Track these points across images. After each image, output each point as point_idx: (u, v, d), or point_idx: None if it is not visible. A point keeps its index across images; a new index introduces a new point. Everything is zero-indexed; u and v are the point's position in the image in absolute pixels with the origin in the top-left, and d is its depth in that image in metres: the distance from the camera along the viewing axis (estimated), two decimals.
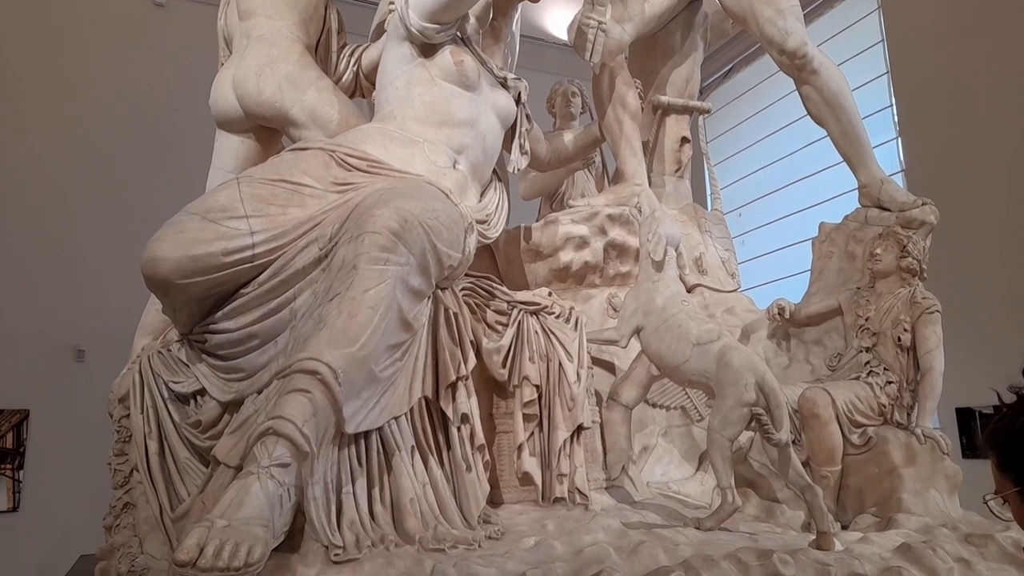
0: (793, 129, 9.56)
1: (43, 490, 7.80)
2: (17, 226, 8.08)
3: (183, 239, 2.32)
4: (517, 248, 3.98)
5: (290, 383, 2.04)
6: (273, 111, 3.51)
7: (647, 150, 4.43)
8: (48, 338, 8.03)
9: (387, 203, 2.35)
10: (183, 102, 7.90)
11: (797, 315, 3.96)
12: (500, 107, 3.40)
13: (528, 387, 2.91)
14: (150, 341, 3.26)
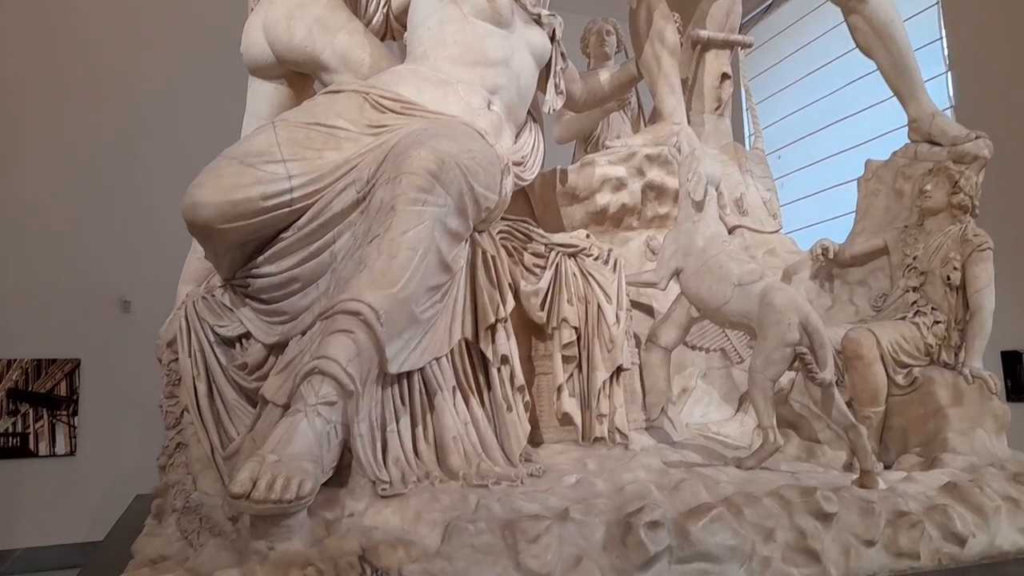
0: (834, 67, 9.21)
1: (97, 435, 8.13)
2: (64, 183, 8.24)
3: (222, 184, 2.33)
4: (553, 191, 3.93)
5: (333, 324, 2.06)
6: (304, 55, 3.47)
7: (686, 87, 4.30)
8: (96, 290, 8.27)
9: (423, 144, 2.32)
10: (224, 50, 7.88)
11: (841, 255, 3.87)
12: (534, 45, 3.32)
13: (567, 329, 2.91)
14: (194, 288, 3.31)
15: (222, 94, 7.09)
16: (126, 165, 8.46)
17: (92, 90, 8.45)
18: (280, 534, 1.75)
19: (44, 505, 7.89)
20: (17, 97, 8.25)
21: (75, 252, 8.24)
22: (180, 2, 8.83)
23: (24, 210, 8.12)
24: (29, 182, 8.18)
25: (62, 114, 8.34)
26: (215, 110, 7.87)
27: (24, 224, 8.12)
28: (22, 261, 8.09)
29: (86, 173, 8.35)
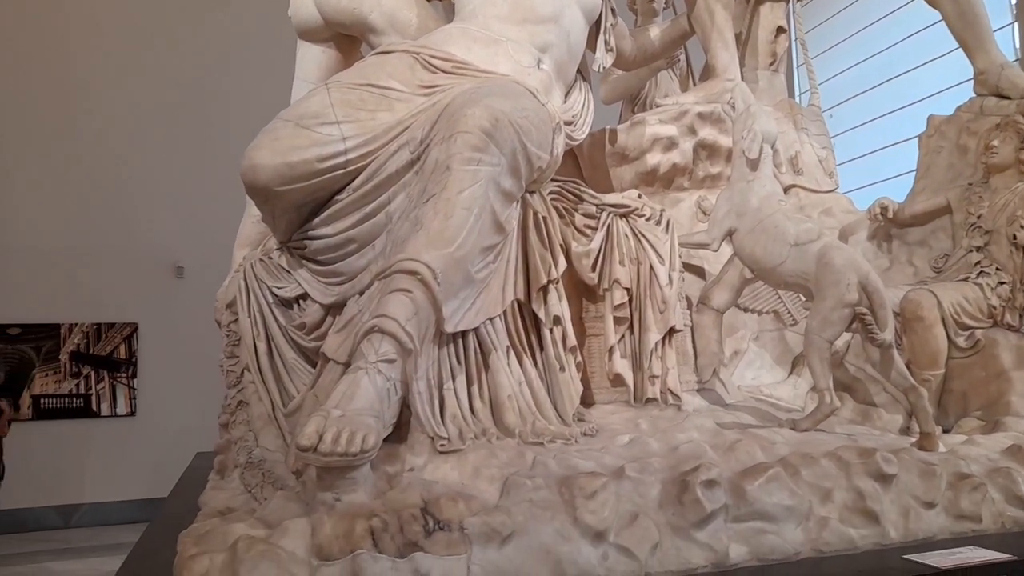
0: (891, 20, 8.84)
1: (156, 396, 8.46)
2: (120, 152, 8.46)
3: (279, 146, 2.35)
4: (602, 151, 3.88)
5: (391, 283, 2.08)
6: (352, 17, 3.46)
7: (739, 42, 4.17)
8: (152, 257, 8.53)
9: (477, 102, 2.30)
10: (276, 16, 7.92)
11: (900, 215, 3.75)
12: (584, 1, 3.25)
13: (619, 290, 2.89)
14: (249, 251, 3.37)
15: (274, 59, 7.15)
16: (177, 133, 8.63)
17: (151, 60, 8.60)
18: (346, 486, 1.81)
19: (107, 463, 8.26)
20: (83, 66, 8.43)
21: (131, 220, 8.49)
22: None
23: (83, 180, 8.36)
24: (87, 153, 8.40)
25: (121, 84, 8.52)
26: (267, 76, 7.95)
27: (83, 194, 8.37)
28: (81, 230, 8.36)
29: (140, 141, 8.54)
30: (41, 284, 8.19)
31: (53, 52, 8.38)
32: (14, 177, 8.18)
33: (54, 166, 8.32)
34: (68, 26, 8.40)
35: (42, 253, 8.16)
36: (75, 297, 8.32)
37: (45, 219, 8.24)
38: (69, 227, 8.31)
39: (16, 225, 8.14)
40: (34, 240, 8.17)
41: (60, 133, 8.37)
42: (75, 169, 8.37)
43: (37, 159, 8.29)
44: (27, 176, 8.24)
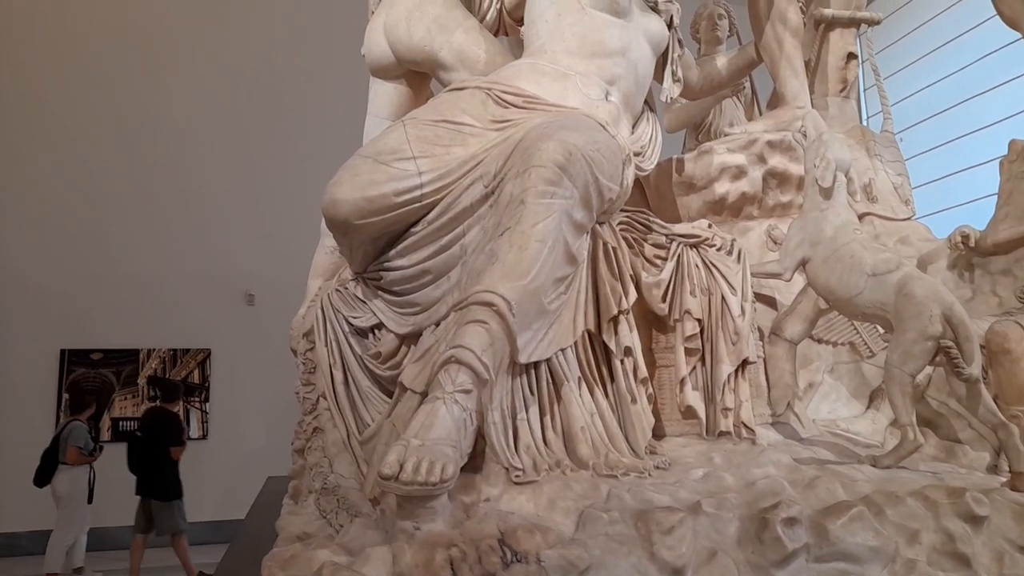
0: (963, 41, 8.60)
1: (227, 420, 8.72)
2: (195, 183, 8.86)
3: (358, 181, 2.45)
4: (669, 181, 3.87)
5: (468, 314, 2.12)
6: (423, 55, 3.57)
7: (809, 69, 4.12)
8: (224, 285, 8.86)
9: (551, 136, 2.35)
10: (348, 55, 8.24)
11: (983, 243, 3.61)
12: (652, 33, 3.28)
13: (690, 321, 2.86)
14: (324, 281, 3.48)
15: (345, 93, 7.42)
16: (250, 163, 8.99)
17: (229, 94, 9.01)
18: (425, 515, 1.83)
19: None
20: (167, 100, 8.89)
21: (205, 248, 8.85)
22: (314, 9, 9.26)
23: (160, 210, 8.77)
24: (164, 184, 8.82)
25: (197, 115, 8.95)
26: (337, 109, 8.24)
27: (161, 223, 8.77)
28: (159, 258, 8.75)
29: (214, 171, 8.93)
30: (122, 310, 8.59)
31: (142, 88, 8.86)
32: (101, 209, 8.64)
33: (135, 198, 8.76)
34: (151, 62, 8.87)
35: (123, 281, 8.58)
36: (154, 323, 8.70)
37: (126, 248, 8.67)
38: (148, 256, 8.71)
39: (99, 254, 8.59)
40: (115, 268, 8.60)
41: (142, 165, 8.81)
42: (152, 200, 8.79)
43: (121, 192, 8.75)
44: (111, 208, 8.69)
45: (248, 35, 9.16)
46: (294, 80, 9.10)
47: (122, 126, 8.76)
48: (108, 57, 8.79)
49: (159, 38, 8.93)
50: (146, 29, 8.94)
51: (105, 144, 8.69)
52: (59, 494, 7.03)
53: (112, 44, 8.83)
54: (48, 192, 8.51)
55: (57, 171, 8.55)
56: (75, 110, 8.67)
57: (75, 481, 7.06)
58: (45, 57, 8.66)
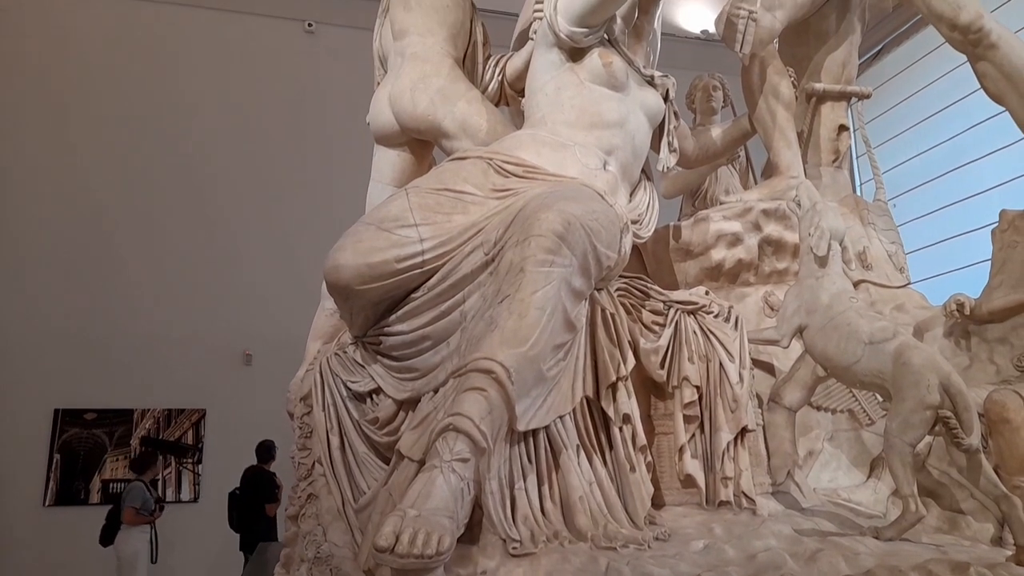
0: (953, 110, 8.83)
1: (219, 483, 8.55)
2: (191, 243, 8.93)
3: (361, 248, 2.49)
4: (666, 247, 3.92)
5: (466, 381, 2.13)
6: (427, 124, 3.67)
7: (801, 140, 4.23)
8: (220, 344, 8.83)
9: (550, 207, 2.40)
10: (350, 124, 8.43)
11: (978, 311, 3.63)
12: (648, 106, 3.38)
13: (688, 388, 2.87)
14: (323, 345, 3.49)
15: (340, 161, 7.58)
16: (247, 224, 9.08)
17: (223, 155, 9.18)
18: None
19: (169, 549, 8.31)
20: (147, 159, 9.03)
21: (202, 307, 8.86)
22: (318, 78, 9.52)
23: (157, 270, 8.82)
24: (160, 244, 8.89)
25: (191, 177, 9.08)
26: (333, 173, 8.41)
27: (157, 283, 8.80)
28: (156, 316, 8.75)
29: (209, 231, 9.01)
30: (117, 369, 8.54)
31: (142, 146, 9.00)
32: (97, 267, 8.67)
33: (132, 256, 8.81)
34: (153, 123, 9.04)
35: (119, 339, 8.55)
36: (149, 383, 8.64)
37: (122, 306, 8.66)
38: (145, 314, 8.71)
39: (95, 312, 8.58)
40: (111, 326, 8.58)
41: (139, 224, 8.88)
42: (151, 258, 8.84)
43: (118, 250, 8.79)
44: (107, 265, 8.72)
45: (251, 101, 9.39)
46: (295, 144, 9.29)
47: (122, 184, 8.88)
48: (108, 118, 8.96)
49: (162, 101, 9.15)
50: (150, 87, 9.16)
51: (103, 203, 8.79)
52: (119, 554, 7.10)
53: (113, 107, 9.01)
54: (44, 249, 8.57)
55: (54, 229, 8.62)
56: (75, 166, 8.80)
57: (134, 541, 7.12)
58: (46, 115, 8.82)
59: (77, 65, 8.94)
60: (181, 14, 9.26)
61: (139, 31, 9.15)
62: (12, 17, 8.84)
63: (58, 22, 9.00)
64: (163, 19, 9.23)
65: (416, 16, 3.80)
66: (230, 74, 9.37)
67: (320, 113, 9.23)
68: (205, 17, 9.34)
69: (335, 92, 8.90)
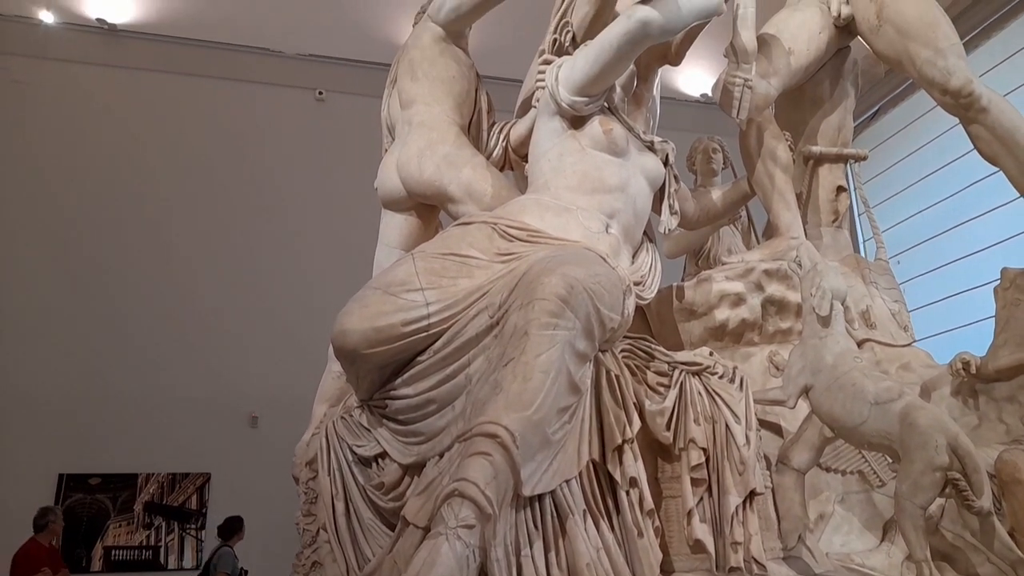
0: (951, 169, 8.95)
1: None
2: (198, 305, 8.99)
3: (367, 312, 2.53)
4: (670, 308, 3.95)
5: (471, 446, 2.13)
6: (433, 189, 3.76)
7: (801, 202, 4.31)
8: (226, 406, 8.80)
9: (553, 271, 2.44)
10: (346, 182, 8.60)
11: (984, 369, 3.62)
12: (649, 170, 3.46)
13: (695, 450, 2.84)
14: (329, 408, 3.50)
15: (346, 226, 7.72)
16: (254, 285, 9.16)
17: (228, 217, 9.33)
18: None
19: None
20: (159, 222, 9.17)
21: (207, 369, 8.86)
22: (322, 146, 9.75)
23: (161, 332, 8.85)
24: (164, 305, 8.94)
25: (201, 239, 9.21)
26: (340, 238, 8.54)
27: (162, 345, 8.83)
28: (161, 378, 8.75)
29: (217, 293, 9.08)
30: (121, 433, 8.49)
31: (145, 209, 9.14)
32: (101, 330, 8.70)
33: (135, 318, 8.84)
34: (155, 183, 9.19)
35: (123, 402, 8.53)
36: (153, 446, 8.58)
37: (125, 370, 8.66)
38: (149, 377, 8.70)
39: (97, 377, 8.57)
40: (116, 389, 8.56)
41: (143, 285, 8.94)
42: (154, 319, 8.88)
43: (122, 312, 8.83)
44: (111, 329, 8.75)
45: (263, 167, 9.61)
46: (304, 208, 9.45)
47: (124, 248, 8.98)
48: (110, 178, 9.13)
49: (176, 167, 9.36)
50: (165, 154, 9.37)
51: (106, 265, 8.88)
52: None
53: (114, 166, 9.19)
54: (48, 313, 8.62)
55: (57, 292, 8.69)
56: (77, 232, 8.92)
57: None
58: (48, 177, 8.99)
59: (93, 134, 9.19)
60: (195, 84, 9.57)
61: (155, 100, 9.44)
62: (30, 90, 9.14)
63: (71, 92, 9.28)
64: (178, 89, 9.53)
65: (423, 86, 3.94)
66: (242, 141, 9.62)
67: (329, 178, 9.43)
68: (218, 87, 9.64)
69: (344, 158, 9.10)
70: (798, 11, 4.25)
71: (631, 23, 3.18)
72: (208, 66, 9.62)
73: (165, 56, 9.52)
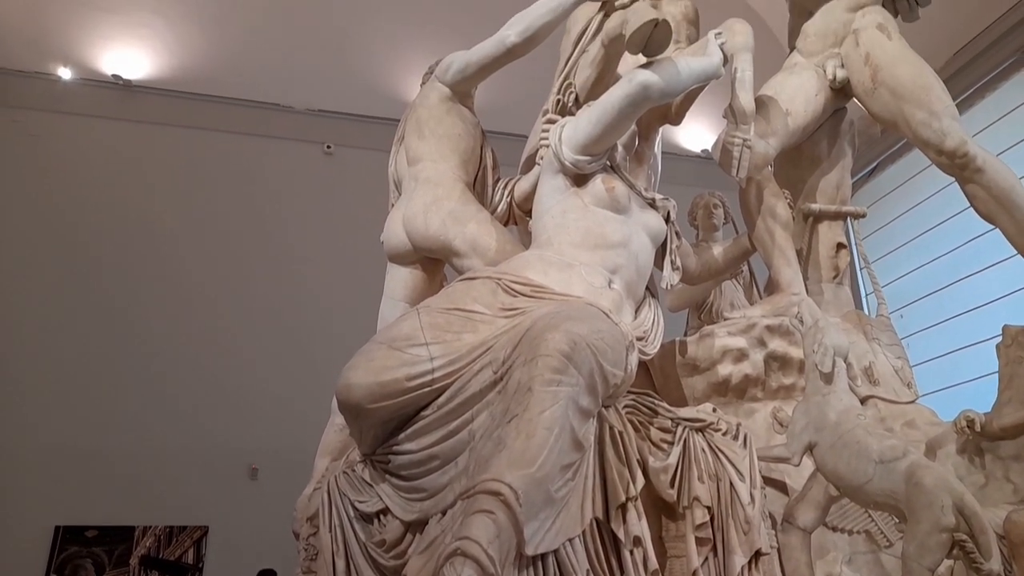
0: (951, 224, 9.03)
1: None
2: (196, 355, 8.97)
3: (372, 366, 2.55)
4: (673, 362, 3.96)
5: (474, 504, 2.12)
6: (438, 244, 3.82)
7: (801, 258, 4.36)
8: (226, 458, 8.71)
9: (557, 327, 2.47)
10: (351, 234, 8.69)
11: (989, 427, 3.60)
12: (651, 227, 3.52)
13: (699, 508, 2.82)
14: (331, 462, 3.49)
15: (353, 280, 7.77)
16: (257, 338, 9.17)
17: (230, 268, 9.39)
18: None
19: None
20: (161, 275, 9.21)
21: (206, 419, 8.78)
22: (330, 199, 9.90)
23: (156, 379, 8.81)
24: (159, 352, 8.92)
25: (201, 290, 9.24)
26: (348, 292, 8.58)
27: (160, 395, 8.78)
28: (160, 429, 8.67)
29: (215, 345, 9.07)
30: (119, 485, 8.37)
31: (141, 257, 9.17)
32: (97, 380, 8.66)
33: (132, 368, 8.81)
34: (152, 235, 9.25)
35: (122, 454, 8.43)
36: (151, 498, 8.46)
37: (122, 421, 8.59)
38: (147, 428, 8.62)
39: (94, 428, 8.49)
40: (113, 442, 8.47)
41: (140, 334, 8.92)
42: (154, 373, 8.85)
43: (119, 362, 8.80)
44: (108, 378, 8.71)
45: (266, 212, 9.72)
46: (310, 259, 9.53)
47: (132, 299, 9.01)
48: (121, 228, 9.21)
49: (182, 219, 9.47)
50: (173, 207, 9.49)
51: (103, 315, 8.87)
52: None
53: (126, 217, 9.28)
54: (45, 363, 8.57)
55: (61, 344, 8.68)
56: (86, 282, 8.96)
57: None
58: (60, 226, 9.08)
59: (106, 186, 9.32)
60: (207, 137, 9.77)
61: (167, 152, 9.63)
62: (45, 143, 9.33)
63: (85, 145, 9.46)
64: (190, 142, 9.73)
65: (430, 144, 4.04)
66: (253, 192, 9.76)
67: (335, 230, 9.54)
68: (229, 140, 9.84)
69: (350, 210, 9.23)
70: (794, 74, 4.38)
71: (632, 86, 3.29)
72: (219, 120, 9.84)
73: (178, 110, 9.76)
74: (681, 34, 4.36)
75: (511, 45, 3.90)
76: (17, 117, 9.25)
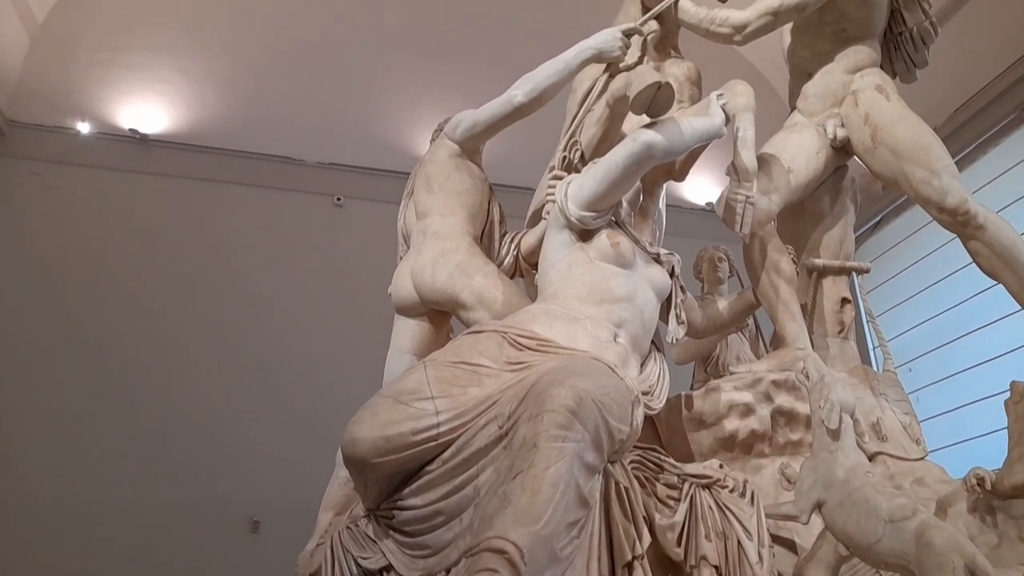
0: (956, 278, 9.03)
1: None
2: (196, 402, 8.93)
3: (377, 421, 2.57)
4: (679, 417, 3.95)
5: (479, 562, 2.10)
6: (445, 296, 3.86)
7: (806, 313, 4.38)
8: (226, 510, 8.58)
9: (562, 382, 2.48)
10: (359, 286, 8.76)
11: (1000, 486, 3.55)
12: (655, 282, 3.56)
13: (707, 568, 2.78)
14: (335, 516, 3.46)
15: (359, 333, 7.80)
16: (261, 387, 9.14)
17: (242, 321, 9.43)
18: None
19: None
20: (169, 326, 9.22)
21: (206, 470, 8.67)
22: (339, 250, 10.00)
23: (154, 429, 8.74)
24: (166, 403, 8.89)
25: (207, 341, 9.25)
26: (354, 344, 8.61)
27: (161, 443, 8.70)
28: (159, 480, 8.56)
29: (218, 392, 9.03)
30: (119, 539, 8.23)
31: (146, 309, 9.17)
32: (95, 432, 8.58)
33: (131, 418, 8.74)
34: (150, 288, 9.28)
35: (121, 505, 8.30)
36: (149, 552, 8.30)
37: (123, 470, 8.49)
38: (146, 478, 8.51)
39: (94, 480, 8.40)
40: (113, 494, 8.36)
41: (139, 385, 8.88)
42: (154, 421, 8.78)
43: (117, 412, 8.74)
44: (106, 430, 8.63)
45: (279, 271, 9.80)
46: (317, 311, 9.57)
47: (137, 353, 8.98)
48: (130, 286, 9.27)
49: (190, 270, 9.53)
50: (175, 252, 9.56)
51: (107, 368, 8.87)
52: None
53: (138, 267, 9.35)
54: (42, 413, 8.51)
55: (64, 397, 8.64)
56: (82, 332, 8.98)
57: None
58: (64, 287, 9.15)
59: (121, 236, 9.44)
60: (220, 189, 9.93)
61: (181, 204, 9.78)
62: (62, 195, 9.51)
63: (101, 197, 9.62)
64: (204, 194, 9.89)
65: (438, 198, 4.12)
66: (264, 243, 9.87)
67: (344, 281, 9.61)
68: (242, 192, 10.00)
69: (360, 263, 9.31)
70: (795, 133, 4.48)
71: (636, 145, 3.37)
72: (232, 173, 10.03)
73: (192, 164, 9.96)
74: (684, 94, 4.48)
75: (518, 105, 4.01)
76: (36, 170, 9.46)
